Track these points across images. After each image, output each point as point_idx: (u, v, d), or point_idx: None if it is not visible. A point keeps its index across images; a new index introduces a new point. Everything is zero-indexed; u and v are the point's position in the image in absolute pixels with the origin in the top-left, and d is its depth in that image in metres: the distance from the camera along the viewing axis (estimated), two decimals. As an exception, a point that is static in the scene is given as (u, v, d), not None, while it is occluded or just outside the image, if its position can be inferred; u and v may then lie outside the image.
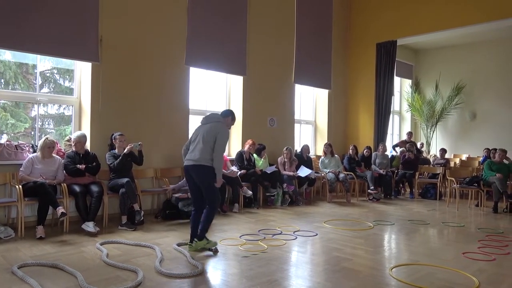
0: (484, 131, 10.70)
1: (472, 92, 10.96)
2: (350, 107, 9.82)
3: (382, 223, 5.67)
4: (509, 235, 5.07)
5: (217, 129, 3.95)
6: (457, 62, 11.25)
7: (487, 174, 6.99)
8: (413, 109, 11.41)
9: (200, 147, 3.93)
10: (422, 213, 6.58)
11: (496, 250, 4.27)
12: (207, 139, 3.93)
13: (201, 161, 3.89)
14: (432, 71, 11.74)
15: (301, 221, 5.66)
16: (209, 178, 3.90)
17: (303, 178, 7.32)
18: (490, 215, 6.52)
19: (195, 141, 4.03)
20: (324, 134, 9.32)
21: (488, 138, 10.39)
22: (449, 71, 11.34)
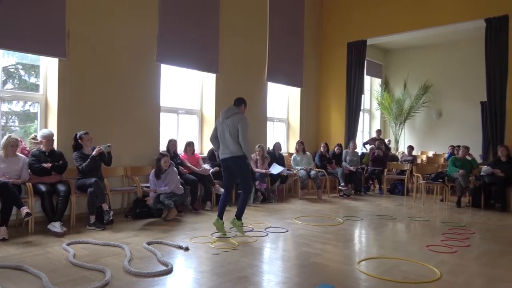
0: (450, 129, 11.10)
1: (438, 92, 11.34)
2: (321, 105, 9.96)
3: (352, 218, 5.80)
4: (471, 228, 5.29)
5: (237, 120, 4.54)
6: (425, 62, 11.61)
7: (451, 170, 7.26)
8: (383, 108, 11.69)
9: (230, 141, 4.54)
10: (390, 209, 6.77)
11: (458, 243, 4.45)
12: (232, 133, 4.53)
13: (235, 152, 4.54)
14: (400, 71, 12.07)
15: (272, 218, 5.71)
16: (244, 166, 4.59)
17: (275, 176, 7.37)
18: (453, 209, 6.78)
19: (224, 136, 4.60)
20: (296, 132, 9.42)
21: (453, 136, 10.78)
22: (417, 71, 11.69)
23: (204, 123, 7.58)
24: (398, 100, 11.69)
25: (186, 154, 6.62)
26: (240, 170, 4.62)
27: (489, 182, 6.79)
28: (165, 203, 5.45)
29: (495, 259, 3.90)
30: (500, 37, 7.21)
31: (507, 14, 7.12)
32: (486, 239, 4.72)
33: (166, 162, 5.57)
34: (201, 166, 6.59)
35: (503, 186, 6.64)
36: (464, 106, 10.81)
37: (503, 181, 6.64)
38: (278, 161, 7.67)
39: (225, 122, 4.62)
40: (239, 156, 4.53)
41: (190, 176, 6.25)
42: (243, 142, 4.49)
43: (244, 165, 4.59)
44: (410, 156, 9.31)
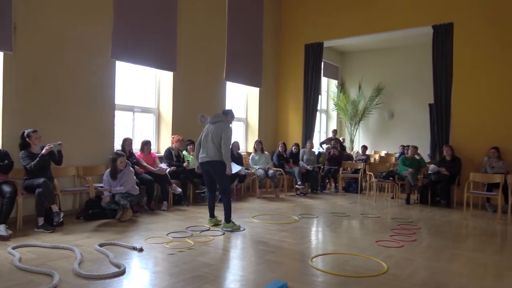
0: (401, 130, 11.63)
1: (390, 93, 11.84)
2: (280, 105, 10.10)
3: (307, 216, 5.93)
4: (418, 223, 5.59)
5: (222, 127, 4.82)
6: (378, 65, 12.09)
7: (401, 169, 7.63)
8: (339, 108, 12.05)
9: (211, 146, 4.82)
10: (344, 206, 7.00)
11: (405, 238, 4.70)
12: (215, 138, 4.81)
13: (213, 157, 4.81)
14: (356, 73, 12.49)
15: (230, 217, 5.72)
16: (222, 170, 4.83)
17: (234, 175, 7.37)
18: (403, 206, 7.12)
19: (206, 140, 4.90)
20: (255, 131, 9.49)
21: (403, 136, 11.31)
22: (371, 73, 12.14)
23: (161, 122, 7.46)
24: (353, 101, 12.09)
25: (142, 154, 6.48)
26: (218, 174, 4.89)
27: (435, 180, 7.19)
28: (120, 203, 5.32)
29: (438, 252, 4.15)
30: (446, 44, 7.65)
31: (452, 22, 7.57)
32: (431, 234, 5.01)
33: (122, 162, 5.43)
34: (158, 166, 6.49)
35: (448, 184, 7.06)
36: (414, 108, 11.36)
37: (447, 179, 7.06)
38: (236, 160, 7.68)
39: (210, 127, 4.93)
40: (218, 161, 4.81)
41: (146, 176, 6.13)
42: (225, 149, 4.77)
43: (222, 170, 4.84)
44: (364, 155, 9.66)
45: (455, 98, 7.55)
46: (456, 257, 4.00)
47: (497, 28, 7.14)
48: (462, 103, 7.44)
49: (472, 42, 7.38)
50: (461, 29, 7.49)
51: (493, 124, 7.12)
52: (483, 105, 7.23)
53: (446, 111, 7.69)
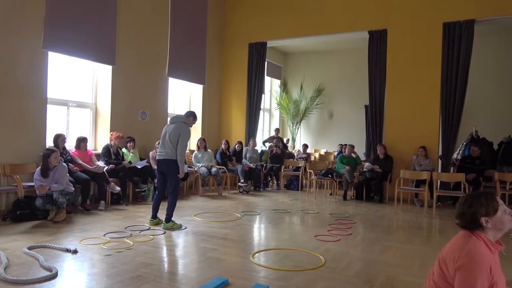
0: (339, 129, 12.15)
1: (330, 94, 12.32)
2: (223, 103, 10.09)
3: (250, 213, 6.01)
4: (353, 218, 5.89)
5: (181, 129, 4.84)
6: (319, 66, 12.51)
7: (339, 166, 7.98)
8: (281, 107, 12.31)
9: (168, 145, 4.86)
10: (286, 203, 7.18)
11: (342, 232, 4.93)
12: (172, 138, 4.84)
13: (170, 156, 4.84)
14: (298, 73, 12.83)
15: (171, 215, 5.62)
16: (175, 170, 4.86)
17: (176, 173, 7.27)
18: (340, 202, 7.45)
19: (164, 138, 4.92)
20: (198, 129, 9.39)
21: (342, 135, 11.82)
22: (312, 74, 12.54)
23: (98, 118, 7.13)
24: (295, 101, 12.41)
25: (77, 151, 6.16)
26: (170, 174, 4.91)
27: (370, 177, 7.61)
28: (58, 201, 5.01)
29: (371, 245, 4.40)
30: (380, 49, 8.12)
31: (386, 28, 8.05)
32: (365, 228, 5.31)
33: (56, 158, 5.12)
34: (95, 164, 6.20)
35: (381, 181, 7.51)
36: (352, 109, 11.93)
37: (380, 176, 7.50)
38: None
39: (170, 126, 4.96)
40: (173, 160, 4.84)
41: (81, 174, 5.83)
42: (180, 151, 4.81)
43: (175, 170, 4.87)
44: (304, 153, 9.97)
45: (388, 100, 8.04)
46: (387, 248, 4.27)
47: (425, 37, 7.71)
48: (394, 105, 7.95)
49: (403, 48, 7.90)
50: (394, 35, 7.99)
51: (421, 125, 7.68)
52: (413, 107, 7.77)
53: (380, 112, 8.17)
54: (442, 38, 7.49)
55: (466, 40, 7.30)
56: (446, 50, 7.46)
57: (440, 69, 7.50)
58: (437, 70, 7.54)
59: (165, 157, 4.87)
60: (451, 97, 7.41)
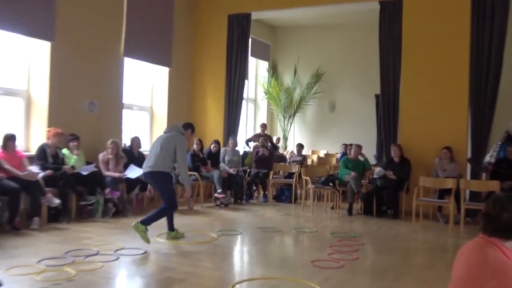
0: (343, 125, 12.18)
1: (332, 80, 12.36)
2: (196, 91, 10.02)
3: (229, 233, 5.96)
4: (361, 238, 5.90)
5: (177, 139, 5.18)
6: (318, 45, 12.49)
7: (342, 172, 8.00)
8: (270, 97, 12.30)
9: (156, 153, 5.15)
10: (275, 219, 7.16)
11: (346, 256, 4.92)
12: (165, 148, 5.14)
13: (157, 167, 5.13)
14: (291, 53, 12.83)
15: (127, 236, 5.54)
16: (164, 183, 5.18)
17: (134, 181, 7.20)
18: (344, 218, 7.48)
19: (153, 148, 5.28)
20: (162, 124, 9.29)
21: (347, 132, 11.82)
22: (309, 55, 12.55)
23: (31, 109, 6.99)
24: (287, 88, 12.42)
25: (4, 152, 6.01)
26: (160, 187, 5.24)
27: (382, 185, 7.64)
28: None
29: (384, 272, 4.41)
30: (394, 23, 8.15)
31: (402, -3, 8.10)
32: (376, 250, 5.32)
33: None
34: (26, 169, 6.06)
35: (395, 190, 7.55)
36: (359, 99, 11.98)
37: (395, 185, 7.54)
38: (137, 161, 7.48)
39: (163, 136, 5.35)
40: (160, 172, 5.13)
41: (9, 183, 5.70)
42: (182, 165, 5.19)
43: (165, 181, 5.19)
44: (299, 156, 9.97)
45: (404, 88, 8.09)
46: (403, 276, 4.28)
47: (449, 9, 7.75)
48: (412, 95, 8.00)
49: (422, 23, 7.94)
50: (411, 7, 8.01)
51: (446, 120, 7.74)
52: (435, 98, 7.83)
53: (394, 103, 8.21)
54: (471, 11, 7.55)
55: (500, 14, 7.37)
56: (476, 26, 7.52)
57: (469, 50, 7.57)
58: (465, 51, 7.61)
59: (153, 169, 5.18)
60: (483, 86, 7.49)
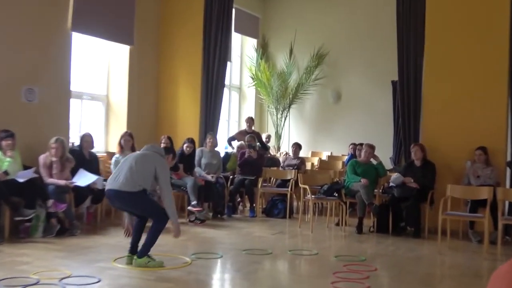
0: (351, 119, 12.24)
1: (336, 63, 12.40)
2: (164, 77, 9.98)
3: (206, 256, 5.95)
4: (373, 263, 5.91)
5: (157, 161, 5.35)
6: (318, 17, 12.52)
7: (350, 179, 8.02)
8: (258, 84, 12.32)
9: (130, 170, 5.24)
10: (265, 239, 7.19)
11: (355, 285, 4.95)
12: (141, 165, 5.28)
13: (125, 186, 5.19)
14: (285, 29, 12.82)
15: (75, 261, 5.54)
16: (141, 202, 5.35)
17: (84, 190, 7.16)
18: (353, 237, 7.52)
19: (123, 165, 5.39)
20: (121, 118, 9.27)
21: (355, 129, 11.90)
22: (308, 31, 12.56)
23: (-47, 99, 6.93)
24: (281, 73, 12.44)
25: None
26: (137, 207, 5.46)
27: (400, 196, 7.67)
28: None
29: (401, 304, 4.43)
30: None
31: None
32: (392, 278, 5.35)
33: None
34: None
35: (417, 202, 7.57)
36: (371, 87, 12.03)
37: (416, 195, 7.57)
38: (88, 165, 7.44)
39: (135, 154, 5.66)
40: (128, 193, 5.22)
41: None
42: (167, 197, 5.30)
43: (140, 200, 5.33)
44: (296, 158, 9.96)
45: (427, 73, 8.13)
46: (426, 310, 4.29)
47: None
48: (438, 81, 8.04)
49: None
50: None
51: (479, 116, 7.79)
52: (466, 87, 7.88)
53: (415, 94, 8.27)
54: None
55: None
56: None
57: (509, 27, 7.63)
58: (504, 28, 7.67)
59: (117, 188, 5.25)
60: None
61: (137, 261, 5.23)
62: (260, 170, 9.23)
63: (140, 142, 8.70)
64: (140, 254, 5.26)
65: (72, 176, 7.22)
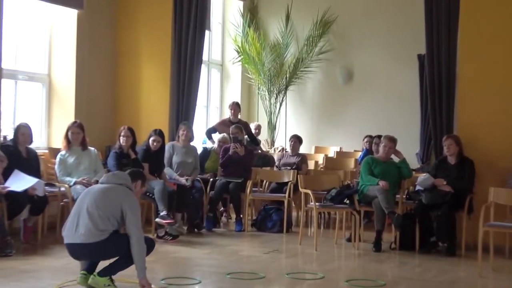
0: (366, 104, 12.29)
1: (346, 33, 12.43)
2: (124, 50, 9.96)
3: (180, 282, 5.97)
4: (395, 288, 5.97)
5: (123, 197, 5.28)
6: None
7: (365, 181, 8.03)
8: (246, 59, 12.29)
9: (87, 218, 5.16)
10: (256, 259, 7.19)
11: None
12: (102, 205, 5.20)
13: (89, 238, 5.15)
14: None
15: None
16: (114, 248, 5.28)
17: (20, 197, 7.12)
18: (369, 255, 7.55)
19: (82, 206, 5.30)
20: (68, 104, 9.25)
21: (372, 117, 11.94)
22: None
23: None
24: (275, 45, 12.43)
25: None
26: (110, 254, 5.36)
27: (429, 202, 7.69)
28: None
29: None
30: None
31: None
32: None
33: None
34: None
35: (451, 211, 7.61)
36: (392, 63, 12.08)
37: (450, 201, 7.60)
38: (25, 165, 7.42)
39: (94, 189, 5.53)
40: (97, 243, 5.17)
41: None
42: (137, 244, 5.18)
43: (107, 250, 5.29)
44: (295, 155, 9.97)
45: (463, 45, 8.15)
46: None
47: None
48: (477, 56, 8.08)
49: None
50: None
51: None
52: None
53: (447, 70, 8.28)
54: None
55: None
56: None
57: None
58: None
59: (81, 241, 5.20)
60: None
61: (96, 279, 5.21)
62: (249, 170, 9.29)
63: (93, 136, 8.74)
64: (104, 272, 5.26)
65: (4, 180, 7.16)
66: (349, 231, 8.36)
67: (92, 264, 5.41)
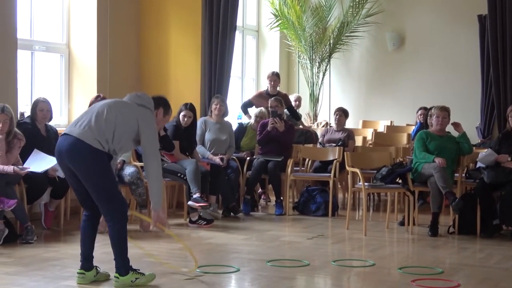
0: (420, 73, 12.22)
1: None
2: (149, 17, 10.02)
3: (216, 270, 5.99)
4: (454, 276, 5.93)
5: (142, 115, 5.22)
6: None
7: (420, 158, 8.01)
8: (284, 24, 12.28)
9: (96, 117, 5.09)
10: (299, 245, 7.24)
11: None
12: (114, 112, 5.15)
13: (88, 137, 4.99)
14: None
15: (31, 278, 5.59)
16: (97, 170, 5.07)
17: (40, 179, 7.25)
18: (424, 241, 7.56)
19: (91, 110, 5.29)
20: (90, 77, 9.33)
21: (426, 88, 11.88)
22: None
23: None
24: (316, 8, 12.39)
25: None
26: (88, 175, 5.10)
27: (491, 181, 7.67)
28: None
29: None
30: None
31: None
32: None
33: None
34: None
35: (516, 190, 7.61)
36: (449, 26, 11.97)
37: (515, 179, 7.60)
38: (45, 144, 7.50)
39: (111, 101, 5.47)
40: (90, 147, 5.01)
41: None
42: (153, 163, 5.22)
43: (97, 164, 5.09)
44: (340, 131, 9.99)
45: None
46: None
47: None
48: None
49: None
50: None
51: None
52: None
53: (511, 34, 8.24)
54: None
55: None
56: None
57: None
58: None
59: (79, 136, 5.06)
60: None
61: (121, 280, 5.12)
62: (290, 148, 9.32)
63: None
64: (120, 270, 5.15)
65: (23, 160, 7.26)
66: (402, 214, 8.38)
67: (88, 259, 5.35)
